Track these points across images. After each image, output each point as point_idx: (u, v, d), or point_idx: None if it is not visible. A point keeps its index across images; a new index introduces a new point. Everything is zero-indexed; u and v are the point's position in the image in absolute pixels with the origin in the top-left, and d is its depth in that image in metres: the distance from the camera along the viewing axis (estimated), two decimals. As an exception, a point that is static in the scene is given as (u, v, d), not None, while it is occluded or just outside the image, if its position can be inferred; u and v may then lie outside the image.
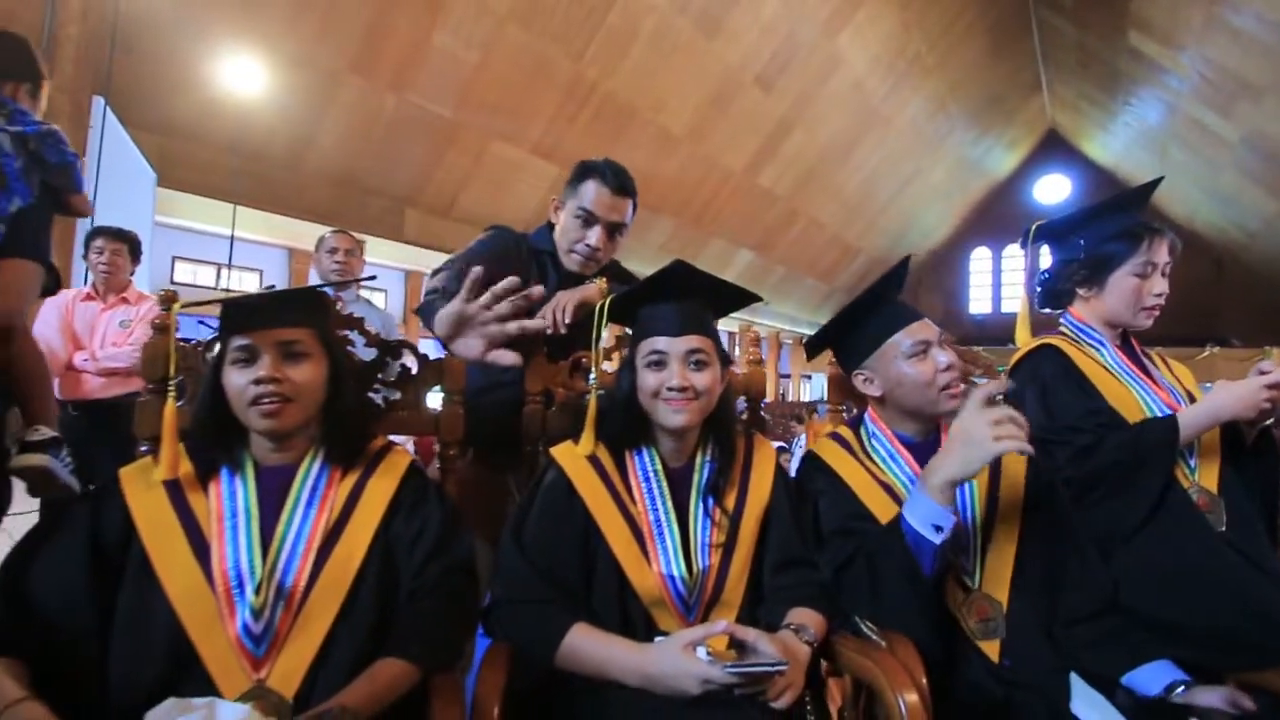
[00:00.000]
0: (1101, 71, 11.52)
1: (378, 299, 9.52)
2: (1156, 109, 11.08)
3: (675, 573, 0.96)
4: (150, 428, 1.03)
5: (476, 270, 1.00)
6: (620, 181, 1.38)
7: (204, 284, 7.97)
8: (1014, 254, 17.16)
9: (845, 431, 1.19)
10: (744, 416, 1.34)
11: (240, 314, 0.89)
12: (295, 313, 0.91)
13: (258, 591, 0.81)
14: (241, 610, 0.80)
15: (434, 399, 1.21)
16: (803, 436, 5.81)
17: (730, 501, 1.03)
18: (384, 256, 8.39)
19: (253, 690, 0.78)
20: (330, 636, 0.83)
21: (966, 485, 1.12)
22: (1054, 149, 15.95)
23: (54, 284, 1.18)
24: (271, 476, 0.90)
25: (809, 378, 16.43)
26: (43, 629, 0.75)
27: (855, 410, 1.36)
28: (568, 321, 1.21)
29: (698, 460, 1.05)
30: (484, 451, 1.31)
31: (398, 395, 1.16)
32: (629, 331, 1.32)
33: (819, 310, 14.99)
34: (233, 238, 5.24)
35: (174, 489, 0.86)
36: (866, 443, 1.16)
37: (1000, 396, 0.96)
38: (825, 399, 1.58)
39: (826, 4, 8.99)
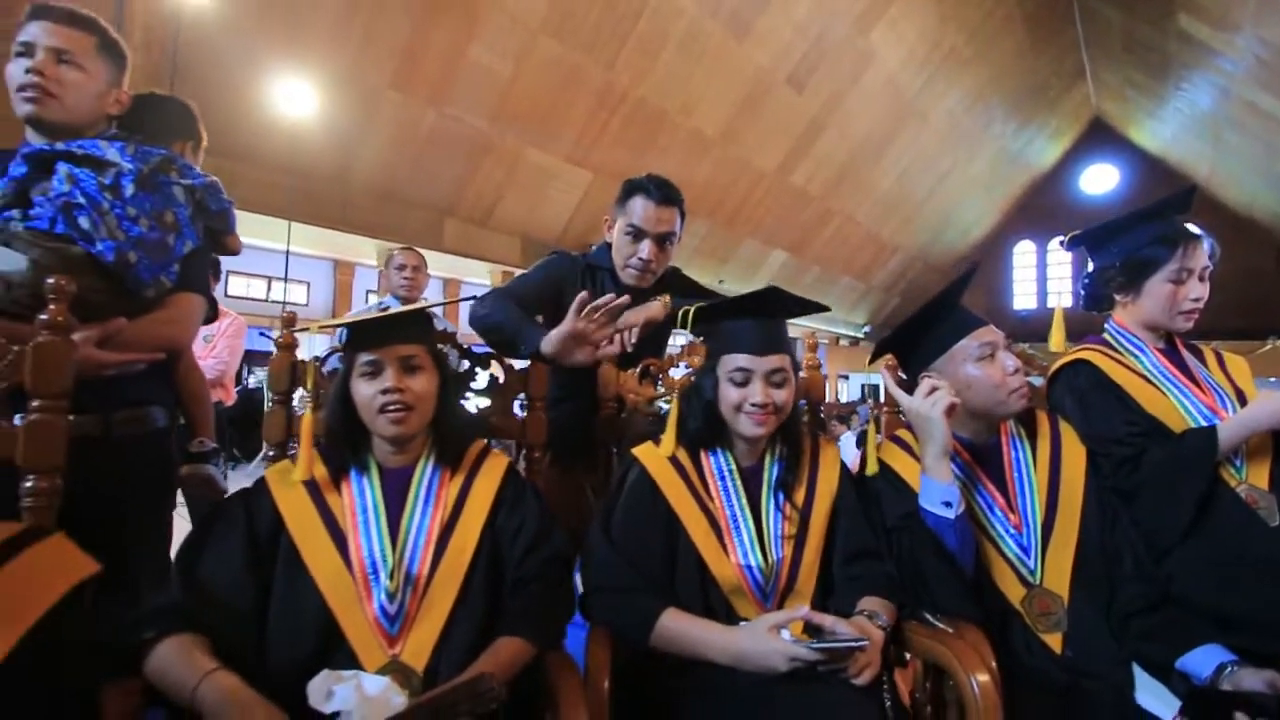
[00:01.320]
0: (1149, 57, 11.18)
1: (392, 306, 9.82)
2: (1208, 93, 10.69)
3: (752, 563, 1.05)
4: (277, 434, 1.16)
5: (583, 295, 1.14)
6: (664, 193, 1.47)
7: (256, 296, 8.36)
8: (1059, 248, 16.73)
9: (906, 434, 1.26)
10: (806, 418, 1.42)
11: (366, 333, 1.01)
12: (411, 330, 1.03)
13: (391, 577, 0.93)
14: (377, 594, 0.92)
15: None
16: (845, 435, 5.82)
17: (799, 497, 1.12)
18: (385, 260, 8.65)
19: (389, 664, 0.90)
20: (451, 618, 0.94)
21: (1026, 488, 1.19)
22: (1100, 138, 15.49)
23: (213, 314, 1.34)
24: (393, 477, 1.02)
25: (846, 378, 16.27)
26: (214, 610, 0.88)
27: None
28: (634, 341, 1.32)
29: (767, 459, 1.14)
30: (560, 454, 1.41)
31: (487, 403, 1.28)
32: (694, 338, 1.42)
33: (855, 309, 14.84)
34: (288, 252, 5.51)
35: (312, 488, 0.98)
36: (927, 445, 1.23)
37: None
38: (863, 400, 1.65)
39: (859, 1, 8.96)
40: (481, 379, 1.28)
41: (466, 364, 1.27)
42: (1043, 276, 16.86)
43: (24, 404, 0.86)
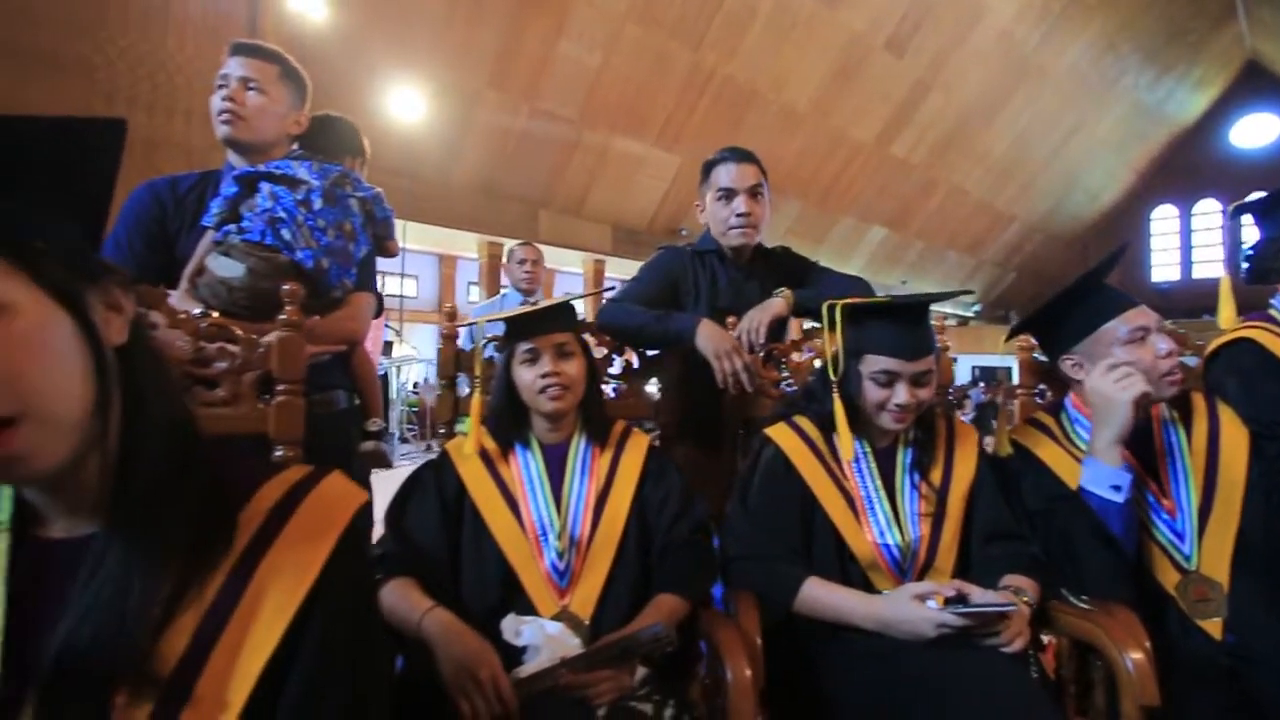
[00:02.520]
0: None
1: (514, 297, 10.33)
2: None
3: (890, 540, 1.09)
4: (445, 414, 1.34)
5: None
6: (737, 152, 1.55)
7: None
8: (1207, 210, 14.90)
9: (1044, 417, 1.25)
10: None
11: (525, 324, 1.14)
12: (562, 320, 1.15)
13: (559, 538, 1.06)
14: (548, 552, 1.06)
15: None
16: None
17: (936, 477, 1.15)
18: (507, 255, 9.09)
19: (561, 613, 1.03)
20: (610, 576, 1.06)
21: (1180, 472, 1.16)
22: (1256, 83, 13.60)
23: (379, 309, 1.55)
24: (551, 451, 1.15)
25: (954, 360, 15.42)
26: (420, 560, 1.04)
27: (1050, 395, 1.41)
28: (761, 342, 1.38)
29: (900, 441, 1.17)
30: (688, 433, 1.51)
31: (623, 385, 1.40)
32: (814, 324, 1.46)
33: (965, 286, 14.01)
34: (404, 250, 5.98)
35: (486, 459, 1.14)
36: (1069, 428, 1.22)
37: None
38: (974, 382, 1.62)
39: (966, -49, 8.40)
40: (617, 364, 1.40)
41: (603, 350, 1.39)
42: (1187, 244, 15.14)
43: (271, 388, 1.06)
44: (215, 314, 1.14)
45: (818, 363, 1.46)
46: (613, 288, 1.49)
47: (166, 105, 4.91)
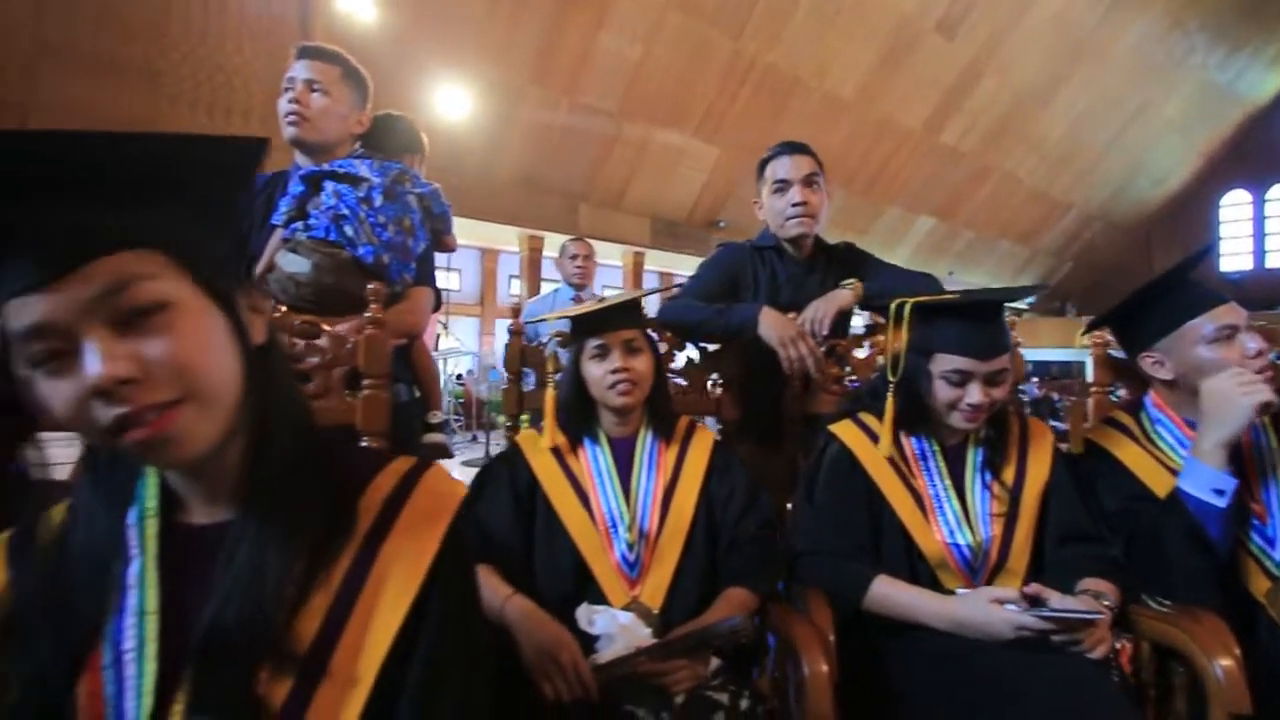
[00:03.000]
0: None
1: (566, 292, 10.47)
2: None
3: (960, 541, 1.09)
4: (512, 407, 1.38)
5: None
6: (791, 145, 1.56)
7: (415, 287, 9.32)
8: (1285, 194, 14.04)
9: (1122, 416, 1.22)
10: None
11: (595, 321, 1.17)
12: (630, 317, 1.18)
13: (629, 530, 1.09)
14: (618, 544, 1.09)
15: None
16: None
17: (1009, 476, 1.13)
18: (558, 250, 9.21)
19: (631, 603, 1.06)
20: (678, 568, 1.08)
21: (1272, 476, 1.12)
22: (1343, 56, 12.72)
23: (438, 303, 1.61)
24: (619, 445, 1.18)
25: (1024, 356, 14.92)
26: (496, 549, 1.08)
27: (1125, 393, 1.37)
28: (824, 334, 1.38)
29: (971, 439, 1.16)
30: (748, 428, 1.52)
31: (684, 381, 1.42)
32: (878, 318, 1.45)
33: (1017, 278, 13.53)
34: (449, 246, 6.10)
35: (556, 453, 1.17)
36: (1149, 428, 1.19)
37: None
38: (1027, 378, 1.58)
39: (1022, -72, 8.08)
40: (679, 359, 1.42)
41: (665, 346, 1.41)
42: (1260, 231, 14.30)
43: (357, 382, 1.12)
44: (283, 308, 1.20)
45: (881, 359, 1.45)
46: (678, 285, 1.51)
47: (225, 106, 5.11)
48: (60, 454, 0.80)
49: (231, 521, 0.53)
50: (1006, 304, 1.14)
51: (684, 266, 10.91)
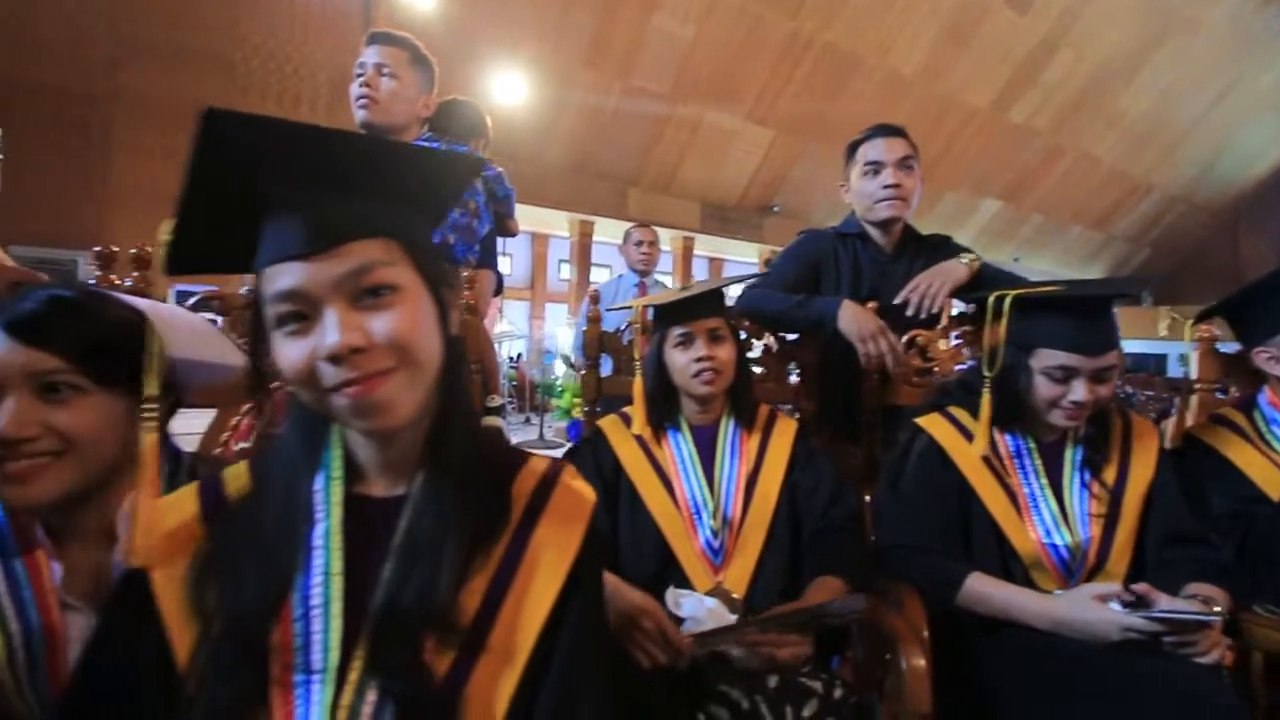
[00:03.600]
0: None
1: (600, 275, 10.52)
2: None
3: (1057, 541, 1.06)
4: (590, 393, 1.41)
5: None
6: (885, 128, 1.53)
7: (467, 272, 9.53)
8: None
9: (1233, 414, 1.17)
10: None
11: (679, 309, 1.19)
12: (713, 306, 1.19)
13: (713, 517, 1.11)
14: (702, 530, 1.11)
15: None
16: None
17: (1109, 475, 1.10)
18: (607, 235, 9.25)
19: (715, 589, 1.08)
20: (762, 556, 1.10)
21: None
22: None
23: (500, 287, 1.65)
24: (701, 433, 1.20)
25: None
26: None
27: (1233, 390, 1.31)
28: (935, 310, 1.35)
29: (1070, 437, 1.13)
30: (825, 419, 1.52)
31: (761, 370, 1.42)
32: (963, 308, 1.41)
33: (1089, 265, 12.89)
34: (503, 231, 6.21)
35: (639, 439, 1.20)
36: (1264, 427, 1.14)
37: None
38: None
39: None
40: (756, 349, 1.43)
41: (743, 334, 1.41)
42: (1368, 214, 13.15)
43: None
44: None
45: (966, 352, 1.42)
46: (754, 276, 1.51)
47: (293, 95, 5.32)
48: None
49: (406, 496, 0.58)
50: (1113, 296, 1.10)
51: (734, 251, 10.79)
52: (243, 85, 5.26)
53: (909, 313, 1.34)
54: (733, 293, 1.41)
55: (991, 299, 1.09)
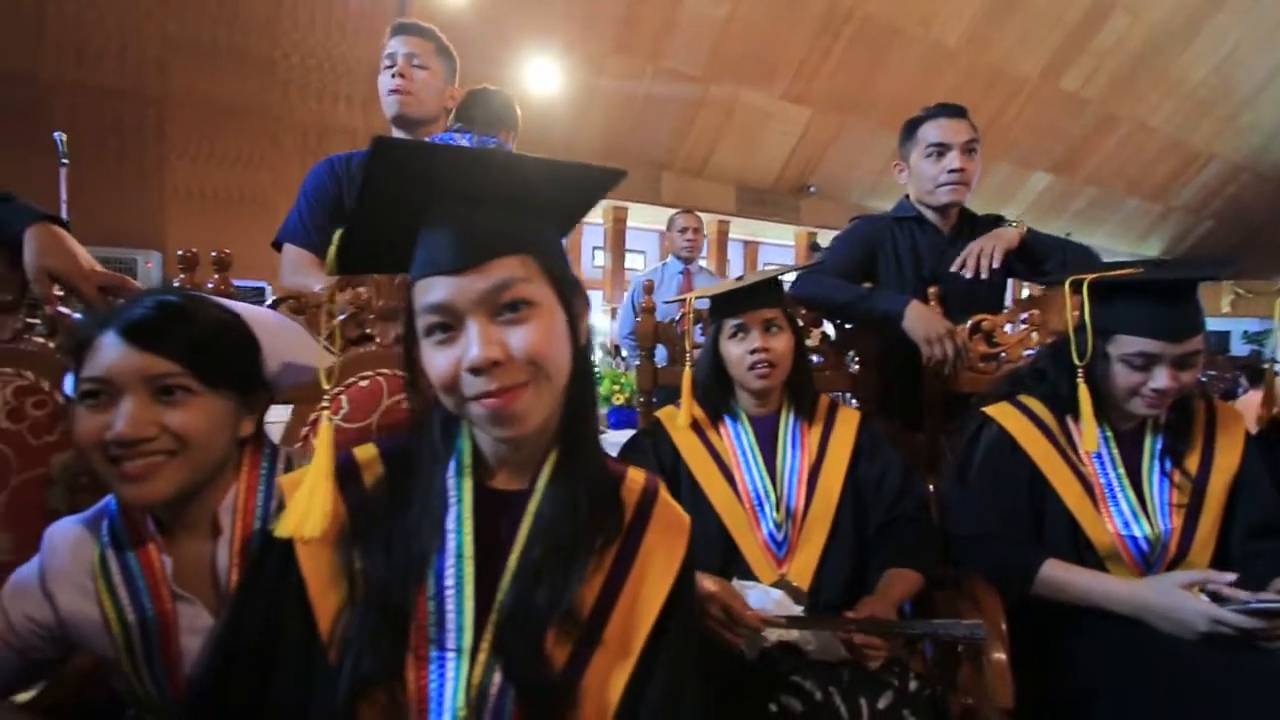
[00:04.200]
0: None
1: (635, 261, 10.50)
2: None
3: (1136, 533, 1.04)
4: (646, 383, 1.42)
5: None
6: (949, 108, 1.50)
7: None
8: None
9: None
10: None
11: (732, 301, 1.18)
12: (770, 296, 1.18)
13: (776, 509, 1.11)
14: (765, 522, 1.11)
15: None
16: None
17: (1192, 464, 1.06)
18: (641, 220, 9.21)
19: (779, 581, 1.09)
20: (826, 549, 1.10)
21: None
22: None
23: None
24: (761, 424, 1.20)
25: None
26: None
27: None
28: (995, 267, 1.33)
29: (1149, 425, 1.09)
30: (886, 407, 1.50)
31: (820, 358, 1.41)
32: (1025, 289, 1.37)
33: (1145, 239, 12.32)
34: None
35: (698, 429, 1.20)
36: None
37: None
38: None
39: None
40: (813, 335, 1.41)
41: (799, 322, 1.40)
42: None
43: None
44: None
45: (1035, 336, 1.38)
46: (811, 265, 1.49)
47: (333, 93, 5.41)
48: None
49: (528, 491, 0.61)
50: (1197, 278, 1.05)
51: (770, 234, 10.63)
52: (283, 82, 5.37)
53: (968, 274, 1.32)
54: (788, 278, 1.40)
55: (1068, 283, 1.05)
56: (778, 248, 11.17)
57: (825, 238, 10.07)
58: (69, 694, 0.80)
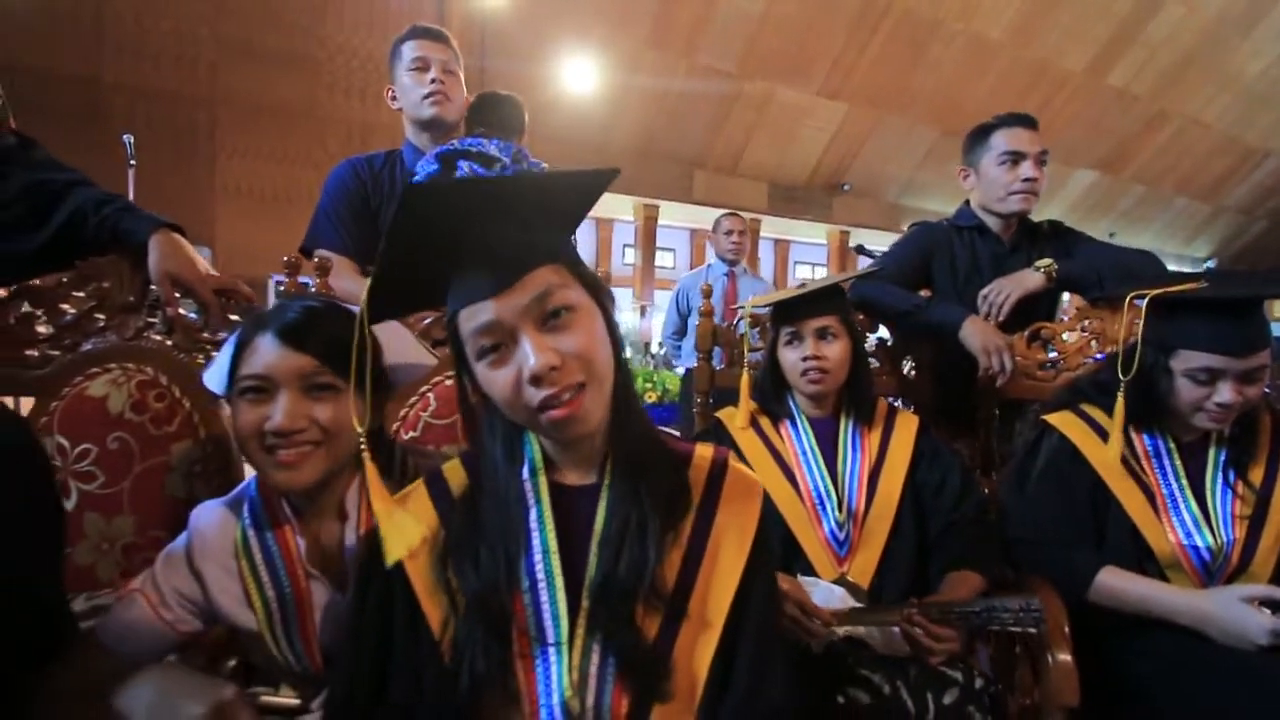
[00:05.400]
0: None
1: (665, 259, 10.54)
2: None
3: (1198, 543, 1.06)
4: (704, 384, 1.48)
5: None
6: (1022, 118, 1.52)
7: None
8: None
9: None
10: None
11: (786, 308, 1.23)
12: (824, 304, 1.22)
13: (838, 509, 1.16)
14: (826, 521, 1.16)
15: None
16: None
17: (1256, 476, 1.08)
18: (672, 218, 9.25)
19: (840, 579, 1.13)
20: (886, 549, 1.14)
21: None
22: None
23: None
24: (820, 427, 1.24)
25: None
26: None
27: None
28: (1001, 319, 1.36)
29: (1213, 436, 1.11)
30: (939, 412, 1.53)
31: (874, 363, 1.45)
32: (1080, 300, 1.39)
33: (1195, 240, 11.96)
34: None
35: (757, 429, 1.25)
36: None
37: None
38: None
39: None
40: (869, 339, 1.46)
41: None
42: None
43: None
44: None
45: (1095, 344, 1.40)
46: (869, 271, 1.53)
47: (376, 92, 5.56)
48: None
49: (597, 485, 0.66)
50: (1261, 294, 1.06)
51: (801, 233, 10.57)
52: (327, 83, 5.54)
53: (986, 316, 1.36)
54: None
55: (1128, 300, 1.07)
56: (809, 245, 11.10)
57: (857, 236, 9.99)
58: (205, 664, 0.89)
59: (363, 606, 0.65)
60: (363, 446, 0.63)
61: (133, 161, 3.27)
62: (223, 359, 0.79)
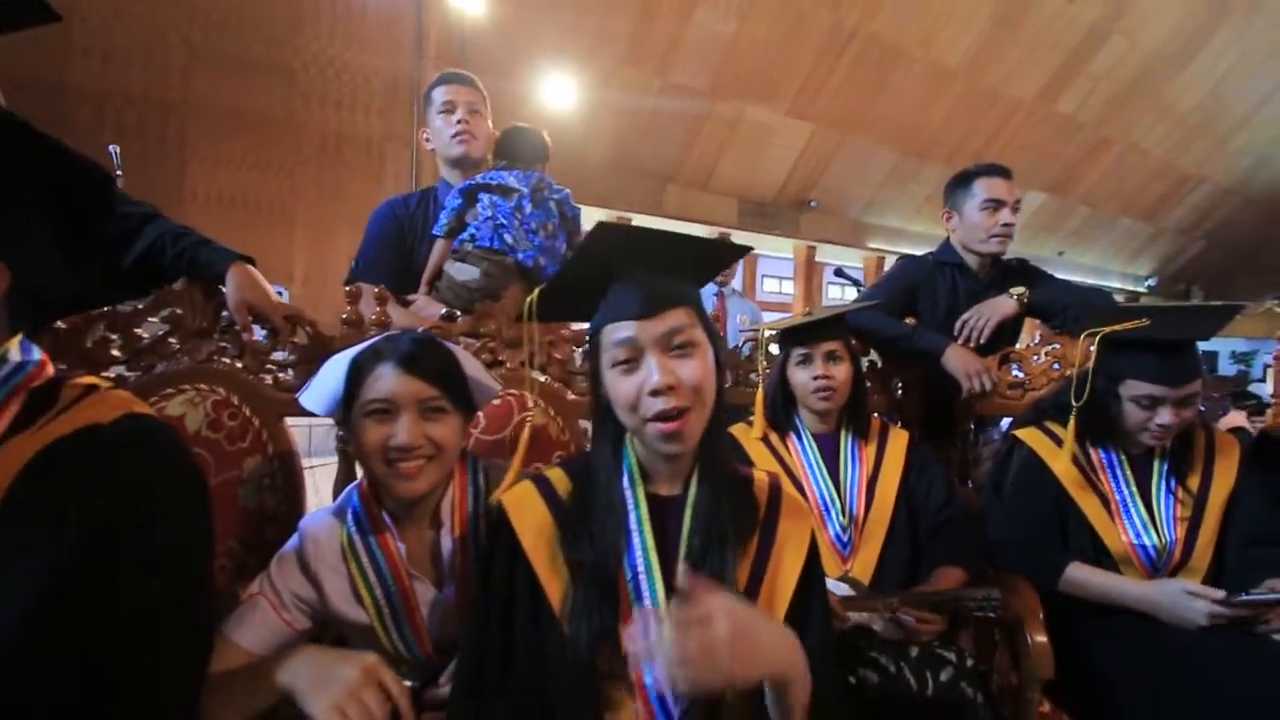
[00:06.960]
0: None
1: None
2: None
3: (1146, 542, 1.26)
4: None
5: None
6: (1000, 169, 1.75)
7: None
8: None
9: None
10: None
11: (800, 331, 1.39)
12: (832, 329, 1.39)
13: (841, 514, 1.32)
14: (831, 525, 1.32)
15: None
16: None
17: (1194, 483, 1.29)
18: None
19: (844, 576, 1.29)
20: (883, 550, 1.30)
21: None
22: None
23: None
24: (822, 440, 1.41)
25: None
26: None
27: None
28: (981, 342, 1.56)
29: (1158, 450, 1.32)
30: (922, 428, 1.72)
31: (868, 383, 1.62)
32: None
33: (1137, 258, 12.76)
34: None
35: (766, 443, 1.41)
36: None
37: None
38: None
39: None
40: (862, 363, 1.63)
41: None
42: None
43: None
44: (459, 312, 1.45)
45: (1057, 365, 1.61)
46: (872, 299, 1.71)
47: (350, 102, 5.59)
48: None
49: (684, 495, 0.80)
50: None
51: (769, 247, 10.89)
52: (303, 92, 5.53)
53: (960, 344, 1.56)
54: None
55: (1083, 337, 1.28)
56: (777, 260, 11.46)
57: (823, 251, 10.37)
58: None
59: (486, 586, 0.78)
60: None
61: (119, 172, 3.26)
62: (325, 383, 0.90)
